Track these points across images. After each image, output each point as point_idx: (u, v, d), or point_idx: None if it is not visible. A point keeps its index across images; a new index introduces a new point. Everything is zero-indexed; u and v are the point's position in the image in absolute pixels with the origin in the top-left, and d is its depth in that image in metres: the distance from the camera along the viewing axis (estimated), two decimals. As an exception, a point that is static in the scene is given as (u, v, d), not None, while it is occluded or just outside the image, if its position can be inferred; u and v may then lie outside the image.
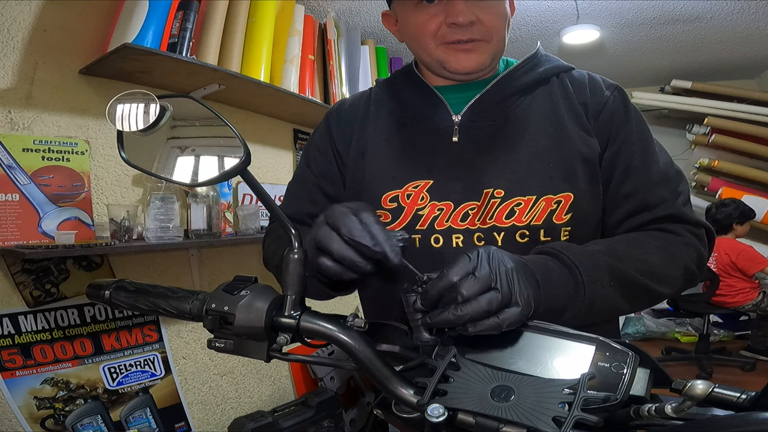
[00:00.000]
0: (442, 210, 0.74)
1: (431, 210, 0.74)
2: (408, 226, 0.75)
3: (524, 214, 0.71)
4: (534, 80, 0.78)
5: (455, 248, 0.73)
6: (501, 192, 0.71)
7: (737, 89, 3.76)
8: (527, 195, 0.71)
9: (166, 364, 1.67)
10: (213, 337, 0.54)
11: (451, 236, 0.73)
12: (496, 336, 0.50)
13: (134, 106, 0.50)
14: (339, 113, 0.88)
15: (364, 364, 0.49)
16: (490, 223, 0.72)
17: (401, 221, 0.75)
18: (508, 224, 0.71)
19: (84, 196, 1.45)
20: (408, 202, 0.75)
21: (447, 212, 0.73)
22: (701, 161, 3.86)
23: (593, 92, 0.77)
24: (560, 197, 0.71)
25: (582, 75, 0.81)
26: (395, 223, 0.76)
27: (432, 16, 0.71)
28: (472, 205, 0.73)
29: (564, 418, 0.38)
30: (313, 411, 1.85)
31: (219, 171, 0.55)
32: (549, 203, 0.71)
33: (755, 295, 3.24)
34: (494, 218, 0.72)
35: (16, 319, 1.35)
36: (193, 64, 1.53)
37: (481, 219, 0.72)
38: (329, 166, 0.85)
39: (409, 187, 0.76)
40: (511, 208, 0.71)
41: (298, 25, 2.05)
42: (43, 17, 1.42)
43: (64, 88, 1.47)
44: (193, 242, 1.65)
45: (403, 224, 0.75)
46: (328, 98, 2.25)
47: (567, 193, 0.71)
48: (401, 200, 0.76)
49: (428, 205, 0.74)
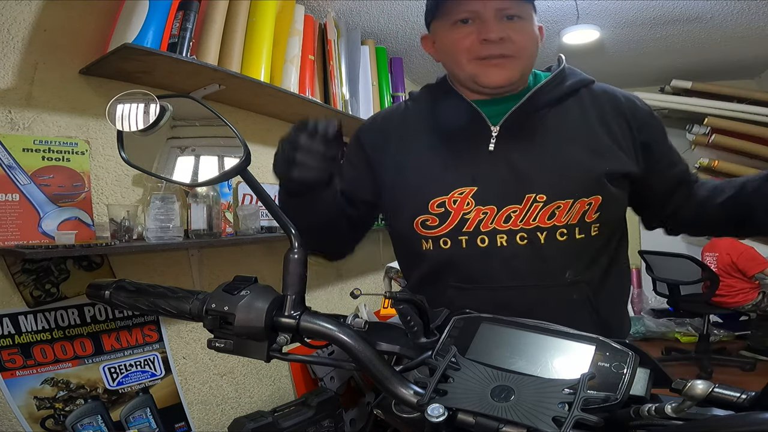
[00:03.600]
0: (486, 214, 0.81)
1: (476, 214, 0.81)
2: (455, 229, 0.82)
3: (563, 215, 0.80)
4: (564, 92, 0.86)
5: (500, 247, 0.81)
6: (543, 197, 0.79)
7: (737, 89, 3.76)
8: (566, 199, 0.79)
9: (166, 364, 1.67)
10: (213, 337, 0.54)
11: (496, 236, 0.81)
12: (496, 336, 0.50)
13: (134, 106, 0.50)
14: (371, 127, 0.97)
15: (364, 364, 0.49)
16: (533, 224, 0.80)
17: (448, 224, 0.83)
18: (550, 225, 0.80)
19: (84, 196, 1.45)
20: (455, 207, 0.82)
21: (491, 215, 0.81)
22: (701, 161, 3.85)
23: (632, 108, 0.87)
24: (591, 200, 0.80)
25: (610, 88, 0.90)
26: (443, 227, 0.83)
27: (466, 34, 0.80)
28: (514, 208, 0.80)
29: (564, 418, 0.38)
30: (313, 411, 1.85)
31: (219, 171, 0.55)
32: (583, 205, 0.80)
33: (755, 295, 3.24)
34: (537, 219, 0.80)
35: (16, 319, 1.35)
36: (193, 64, 1.53)
37: (524, 220, 0.80)
38: (359, 177, 0.93)
39: (455, 194, 0.83)
40: (552, 210, 0.80)
41: (298, 25, 2.05)
42: (43, 17, 1.42)
43: (64, 88, 1.47)
44: (193, 242, 1.65)
45: (450, 227, 0.83)
46: (328, 98, 2.25)
47: (597, 195, 0.80)
48: (448, 205, 0.83)
49: (473, 209, 0.82)
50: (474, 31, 0.79)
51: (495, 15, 0.78)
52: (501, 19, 0.78)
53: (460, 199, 0.82)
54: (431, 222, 0.84)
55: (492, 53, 0.79)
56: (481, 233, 0.81)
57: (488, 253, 0.81)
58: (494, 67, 0.80)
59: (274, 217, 0.58)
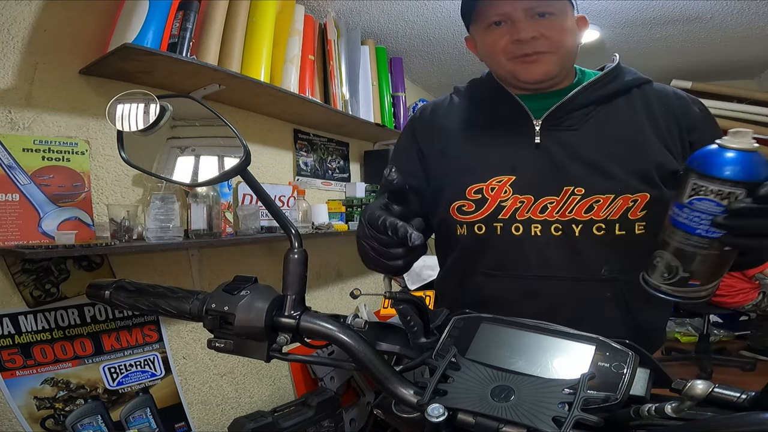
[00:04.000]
0: (523, 203, 0.83)
1: (513, 202, 0.83)
2: (491, 215, 0.84)
3: (602, 210, 0.80)
4: (614, 91, 0.86)
5: (533, 236, 0.82)
6: (581, 190, 0.80)
7: (737, 89, 3.75)
8: (606, 194, 0.79)
9: (166, 364, 1.67)
10: (213, 337, 0.54)
11: (530, 226, 0.82)
12: (496, 336, 0.50)
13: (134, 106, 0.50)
14: (422, 116, 0.99)
15: (364, 364, 0.49)
16: (569, 216, 0.81)
17: (484, 210, 0.84)
18: (587, 218, 0.80)
19: (84, 196, 1.45)
20: (492, 194, 0.84)
21: (528, 204, 0.82)
22: (701, 161, 3.85)
23: (683, 109, 0.85)
24: (637, 197, 0.79)
25: (665, 89, 0.89)
26: (479, 212, 0.85)
27: (501, 35, 0.82)
28: (551, 199, 0.81)
29: (564, 418, 0.38)
30: (313, 411, 1.85)
31: (219, 171, 0.55)
32: (626, 201, 0.79)
33: (755, 295, 3.23)
34: (574, 212, 0.81)
35: (16, 319, 1.35)
36: (193, 64, 1.53)
37: (560, 212, 0.81)
38: (412, 163, 0.96)
39: (493, 182, 0.84)
40: (590, 204, 0.80)
41: (298, 25, 2.05)
42: (44, 17, 1.42)
43: (64, 88, 1.47)
44: (193, 242, 1.64)
45: (486, 213, 0.84)
46: (328, 98, 2.25)
47: (644, 193, 0.79)
48: (485, 192, 0.85)
49: (511, 197, 0.83)
50: (507, 32, 0.81)
51: (525, 15, 0.79)
52: (533, 17, 0.80)
53: (498, 186, 0.84)
54: (467, 207, 0.85)
55: (526, 51, 0.81)
56: (516, 221, 0.82)
57: (522, 242, 0.82)
58: (531, 63, 0.82)
59: (274, 217, 0.58)
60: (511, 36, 0.81)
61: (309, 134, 2.44)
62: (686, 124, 0.84)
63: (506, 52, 0.83)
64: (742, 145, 0.54)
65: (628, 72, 0.89)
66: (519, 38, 0.80)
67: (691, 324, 3.98)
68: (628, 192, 0.79)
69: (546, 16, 0.80)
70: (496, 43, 0.83)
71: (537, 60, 0.82)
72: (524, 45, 0.80)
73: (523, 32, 0.79)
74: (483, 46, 0.87)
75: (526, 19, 0.79)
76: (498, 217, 0.84)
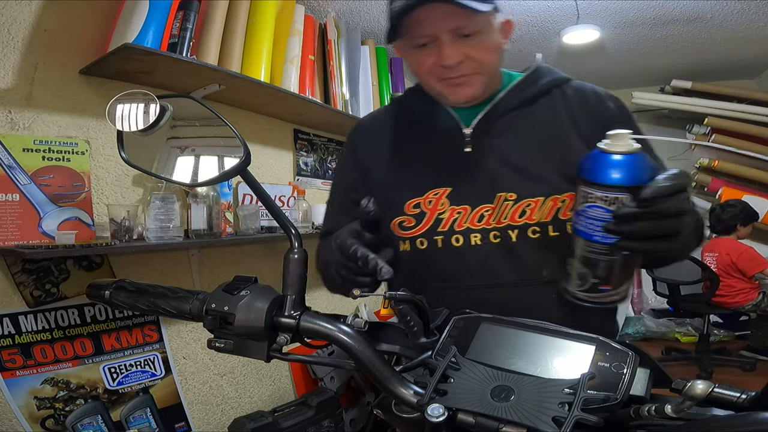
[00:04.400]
0: (460, 213, 0.83)
1: (451, 213, 0.83)
2: (430, 229, 0.84)
3: (534, 213, 0.80)
4: (536, 93, 0.87)
5: (474, 246, 0.82)
6: (513, 195, 0.81)
7: (737, 89, 3.75)
8: (537, 197, 0.80)
9: (167, 364, 1.67)
10: (213, 337, 0.54)
11: (470, 236, 0.82)
12: (496, 336, 0.50)
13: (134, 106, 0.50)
14: (361, 130, 0.99)
15: (364, 364, 0.49)
16: (505, 222, 0.81)
17: (424, 225, 0.84)
18: (521, 222, 0.80)
19: (84, 196, 1.45)
20: (429, 208, 0.84)
21: (465, 215, 0.82)
22: (701, 161, 3.85)
23: (598, 105, 0.86)
24: (565, 197, 0.79)
25: (583, 86, 0.89)
26: (418, 227, 0.84)
27: (426, 56, 0.80)
28: (487, 207, 0.82)
29: (564, 418, 0.38)
30: (313, 411, 1.85)
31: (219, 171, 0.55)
32: (556, 202, 0.80)
33: (755, 295, 3.23)
34: (508, 218, 0.81)
35: (17, 319, 1.35)
36: (193, 64, 1.53)
37: (496, 219, 0.81)
38: (356, 179, 0.95)
39: (429, 195, 0.84)
40: (523, 208, 0.80)
41: (298, 25, 2.05)
42: (44, 17, 1.42)
43: (65, 88, 1.47)
44: (194, 242, 1.65)
45: (425, 227, 0.84)
46: (328, 98, 2.25)
47: (571, 192, 0.78)
48: (423, 206, 0.85)
49: (448, 209, 0.83)
50: (433, 54, 0.79)
51: (451, 37, 0.77)
52: (459, 38, 0.77)
53: (434, 199, 0.84)
54: (407, 223, 0.86)
55: (452, 75, 0.80)
56: (455, 233, 0.83)
57: (463, 253, 0.82)
58: (457, 86, 0.81)
59: (274, 217, 0.58)
60: (437, 59, 0.79)
61: (309, 134, 2.44)
62: (602, 121, 0.83)
63: (433, 74, 0.81)
64: (621, 149, 0.54)
65: (548, 72, 0.89)
66: (444, 64, 0.78)
67: (691, 324, 3.98)
68: (556, 193, 0.79)
69: (471, 37, 0.78)
70: (422, 64, 0.81)
71: (463, 83, 0.81)
72: (450, 70, 0.79)
73: (448, 58, 0.77)
74: (410, 63, 0.86)
75: (451, 42, 0.77)
76: (438, 230, 0.83)
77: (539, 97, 0.87)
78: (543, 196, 0.80)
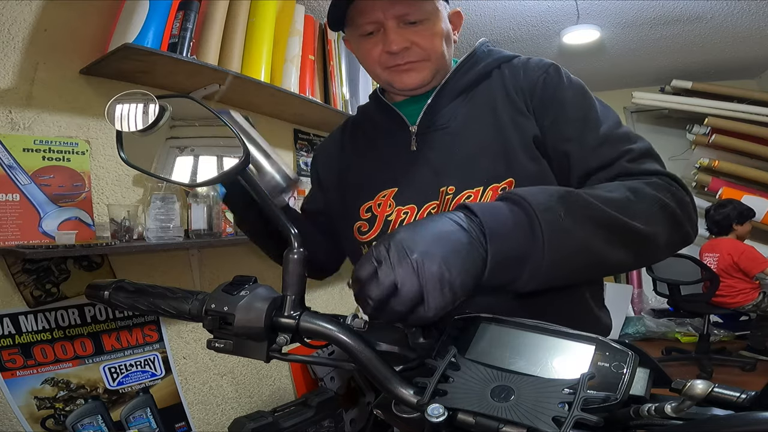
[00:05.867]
0: (407, 213, 0.80)
1: (398, 215, 0.81)
2: (381, 232, 0.82)
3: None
4: (475, 78, 0.83)
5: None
6: (453, 188, 0.77)
7: (737, 89, 3.76)
8: (475, 187, 0.76)
9: (167, 364, 1.67)
10: (213, 337, 0.54)
11: None
12: (495, 336, 0.50)
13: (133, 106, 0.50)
14: (323, 148, 1.02)
15: (364, 364, 0.49)
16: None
17: (375, 229, 0.83)
18: None
19: (84, 196, 1.45)
20: (379, 210, 0.83)
21: (411, 215, 0.80)
22: (701, 161, 3.85)
23: (527, 74, 0.81)
24: (504, 184, 0.75)
25: (521, 60, 0.84)
26: (371, 231, 0.83)
27: (373, 45, 0.79)
28: (433, 204, 0.79)
29: (564, 418, 0.38)
30: (313, 411, 1.85)
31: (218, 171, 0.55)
32: (495, 191, 0.75)
33: (755, 295, 3.23)
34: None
35: (17, 319, 1.35)
36: (193, 64, 1.53)
37: None
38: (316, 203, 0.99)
39: (379, 197, 0.83)
40: (462, 201, 0.76)
41: (298, 25, 2.05)
42: (44, 17, 1.42)
43: (65, 88, 1.47)
44: (194, 242, 1.65)
45: (377, 231, 0.82)
46: (329, 98, 2.25)
47: (509, 179, 0.75)
48: (374, 209, 0.84)
49: (394, 210, 0.81)
50: (380, 41, 0.78)
51: (396, 23, 0.76)
52: (404, 25, 0.77)
53: (383, 201, 0.83)
54: (363, 227, 0.84)
55: (398, 62, 0.79)
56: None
57: None
58: (404, 72, 0.80)
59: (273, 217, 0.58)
60: (384, 46, 0.78)
61: (309, 134, 2.44)
62: (528, 89, 0.80)
63: (380, 63, 0.80)
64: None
65: (488, 54, 0.86)
66: (389, 50, 0.77)
67: (692, 324, 3.98)
68: (495, 181, 0.75)
69: (417, 24, 0.77)
70: (370, 52, 0.80)
71: (410, 69, 0.79)
72: (396, 56, 0.78)
73: (393, 44, 0.76)
74: (359, 54, 0.85)
75: (397, 29, 0.76)
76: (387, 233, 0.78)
77: (479, 81, 0.83)
78: (481, 185, 0.76)
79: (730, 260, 3.23)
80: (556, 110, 0.76)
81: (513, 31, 2.84)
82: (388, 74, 0.81)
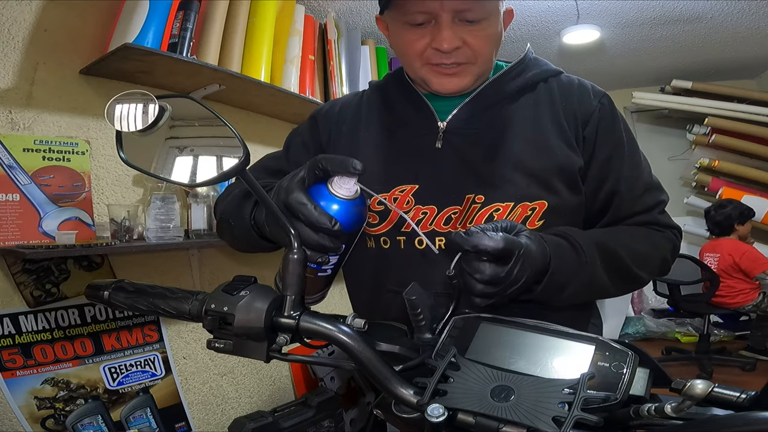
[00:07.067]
0: (426, 214, 0.76)
1: (416, 214, 0.76)
2: (394, 228, 0.77)
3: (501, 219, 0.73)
4: (520, 87, 0.79)
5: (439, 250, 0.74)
6: (482, 198, 0.74)
7: (737, 89, 3.75)
8: (506, 201, 0.74)
9: (167, 364, 1.67)
10: (213, 337, 0.54)
11: (434, 239, 0.75)
12: (495, 336, 0.50)
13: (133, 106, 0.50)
14: (329, 114, 0.89)
15: (364, 364, 0.49)
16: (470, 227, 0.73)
17: (387, 223, 0.78)
18: None
19: (84, 196, 1.45)
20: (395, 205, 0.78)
21: (431, 216, 0.76)
22: (701, 161, 3.85)
23: (581, 101, 0.78)
24: (535, 204, 0.74)
25: (571, 81, 0.81)
26: (383, 225, 0.78)
27: (419, 36, 0.72)
28: (455, 209, 0.75)
29: (564, 418, 0.38)
30: (313, 411, 1.85)
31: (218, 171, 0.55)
32: (525, 210, 0.74)
33: (755, 295, 3.23)
34: (474, 222, 0.74)
35: (17, 319, 1.35)
36: (193, 64, 1.53)
37: (462, 223, 0.74)
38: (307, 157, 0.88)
39: (395, 191, 0.78)
40: (491, 213, 0.74)
41: (298, 25, 2.05)
42: (44, 17, 1.43)
43: (65, 88, 1.47)
44: (194, 242, 1.65)
45: (389, 226, 0.78)
46: (329, 98, 2.25)
47: (542, 200, 0.74)
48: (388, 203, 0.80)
49: (413, 209, 0.77)
50: (428, 34, 0.71)
51: (452, 18, 0.69)
52: (460, 22, 0.70)
53: (400, 197, 0.77)
54: (372, 219, 0.79)
55: (445, 61, 0.73)
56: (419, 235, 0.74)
57: (426, 256, 0.75)
58: (447, 75, 0.74)
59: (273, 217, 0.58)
60: (432, 42, 0.71)
61: (309, 134, 2.44)
62: (582, 117, 0.77)
63: (422, 58, 0.73)
64: (340, 194, 0.56)
65: (536, 65, 0.81)
66: (440, 48, 0.70)
67: (692, 324, 3.98)
68: (527, 200, 0.73)
69: (474, 23, 0.70)
70: (413, 44, 0.73)
71: (455, 72, 0.74)
72: (444, 55, 0.71)
73: (445, 42, 0.69)
74: (397, 41, 0.77)
75: (452, 24, 0.69)
76: (401, 230, 0.76)
77: (524, 92, 0.79)
78: (513, 201, 0.73)
79: (731, 261, 3.23)
80: (612, 149, 0.78)
81: (513, 31, 2.84)
82: (427, 72, 0.75)
